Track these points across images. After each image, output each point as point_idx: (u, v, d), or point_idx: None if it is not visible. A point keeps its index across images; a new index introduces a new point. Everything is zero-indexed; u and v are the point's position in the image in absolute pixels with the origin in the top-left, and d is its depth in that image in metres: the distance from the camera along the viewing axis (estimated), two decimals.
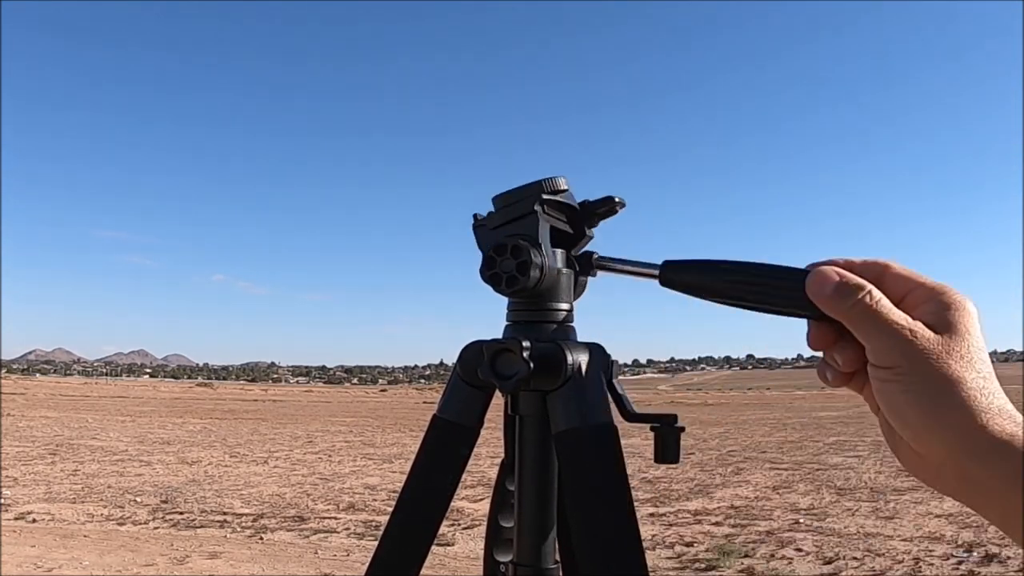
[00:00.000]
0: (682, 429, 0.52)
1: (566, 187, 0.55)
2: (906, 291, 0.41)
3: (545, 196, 0.54)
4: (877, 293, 0.40)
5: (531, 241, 0.53)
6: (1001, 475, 0.36)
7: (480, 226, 0.56)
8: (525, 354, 0.50)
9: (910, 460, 0.40)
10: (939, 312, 0.40)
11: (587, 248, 0.57)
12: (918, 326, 0.39)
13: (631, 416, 0.54)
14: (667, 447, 0.52)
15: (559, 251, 0.55)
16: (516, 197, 0.55)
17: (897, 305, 0.41)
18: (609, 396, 0.54)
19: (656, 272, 0.49)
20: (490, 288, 0.54)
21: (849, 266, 0.43)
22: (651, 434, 0.53)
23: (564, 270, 0.55)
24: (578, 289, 0.57)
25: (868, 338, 0.40)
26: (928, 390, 0.38)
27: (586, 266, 0.56)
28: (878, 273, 0.42)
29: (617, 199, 0.56)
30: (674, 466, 8.84)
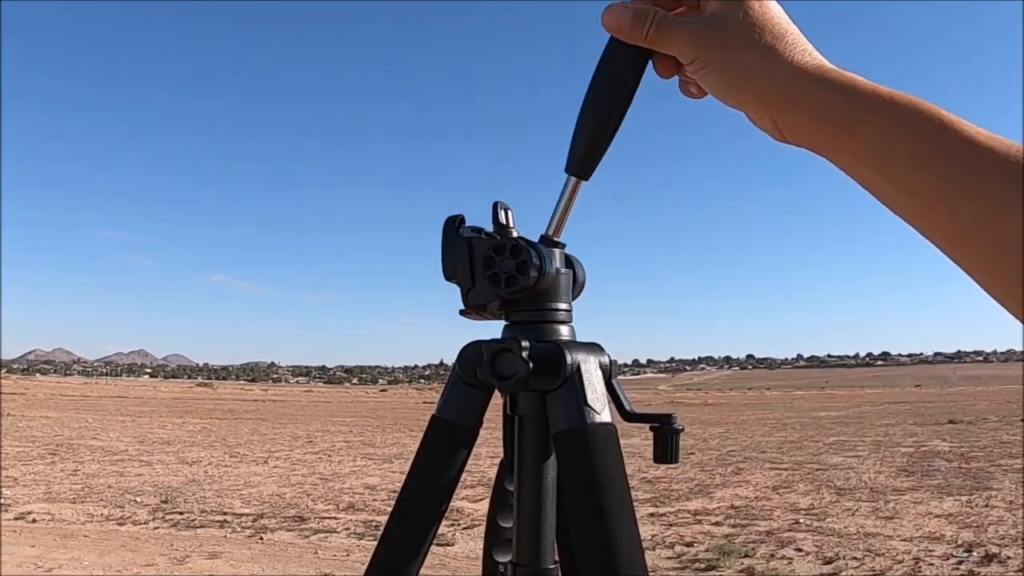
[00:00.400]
0: (681, 430, 0.52)
1: (462, 218, 0.57)
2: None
3: (460, 229, 0.56)
4: (661, 12, 0.45)
5: (528, 242, 0.53)
6: (822, 112, 0.40)
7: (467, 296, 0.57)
8: (524, 354, 0.51)
9: (763, 130, 0.44)
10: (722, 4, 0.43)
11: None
12: (703, 17, 0.43)
13: (629, 416, 0.54)
14: (666, 447, 0.52)
15: (556, 251, 0.55)
16: (450, 254, 0.56)
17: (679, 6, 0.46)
18: (608, 396, 0.54)
19: (574, 180, 0.52)
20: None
21: None
22: (651, 434, 0.53)
23: (563, 270, 0.55)
24: (576, 289, 0.57)
25: (670, 48, 0.45)
26: (726, 61, 0.42)
27: (550, 244, 0.56)
28: None
29: (500, 203, 0.58)
30: (674, 466, 8.82)
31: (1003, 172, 0.34)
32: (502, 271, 0.53)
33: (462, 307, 0.56)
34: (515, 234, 0.56)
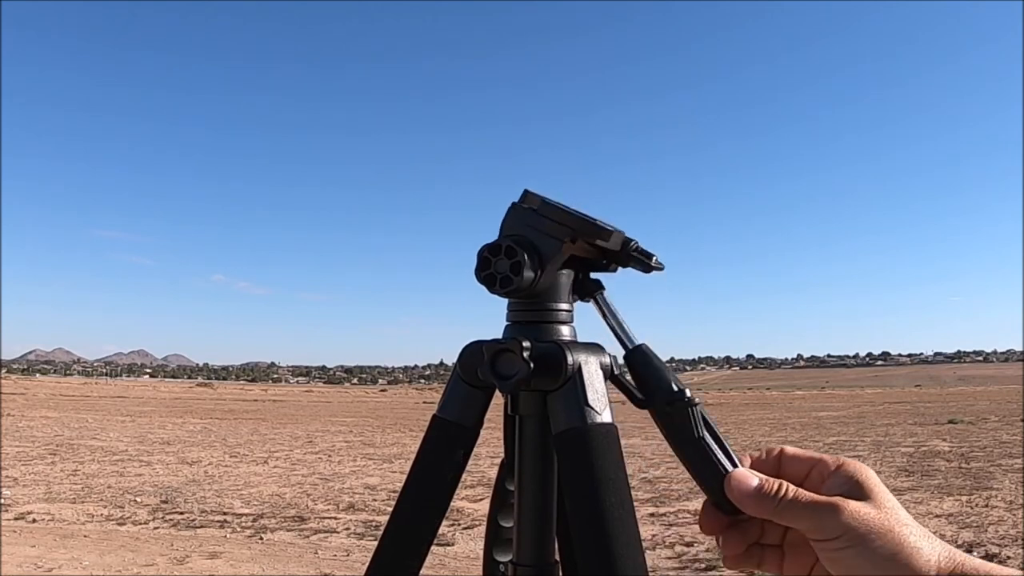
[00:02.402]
0: (697, 403, 0.51)
1: (610, 231, 0.53)
2: (807, 469, 0.47)
3: (582, 239, 0.53)
4: (788, 485, 0.45)
5: (528, 246, 0.52)
6: None
7: (516, 209, 0.55)
8: (525, 354, 0.50)
9: None
10: (848, 482, 0.45)
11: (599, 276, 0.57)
12: (836, 497, 0.44)
13: (641, 403, 0.54)
14: (683, 426, 0.51)
15: (554, 249, 0.55)
16: (558, 219, 0.53)
17: (802, 484, 0.46)
18: (611, 389, 0.53)
19: (625, 350, 0.52)
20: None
21: (755, 464, 0.48)
22: (650, 434, 0.53)
23: (564, 271, 0.55)
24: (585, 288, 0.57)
25: (803, 523, 0.44)
26: (881, 548, 0.42)
27: (590, 288, 0.56)
28: (777, 459, 0.48)
29: (656, 261, 0.55)
30: (674, 466, 8.75)
31: None
32: (497, 272, 0.52)
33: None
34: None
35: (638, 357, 0.51)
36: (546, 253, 0.53)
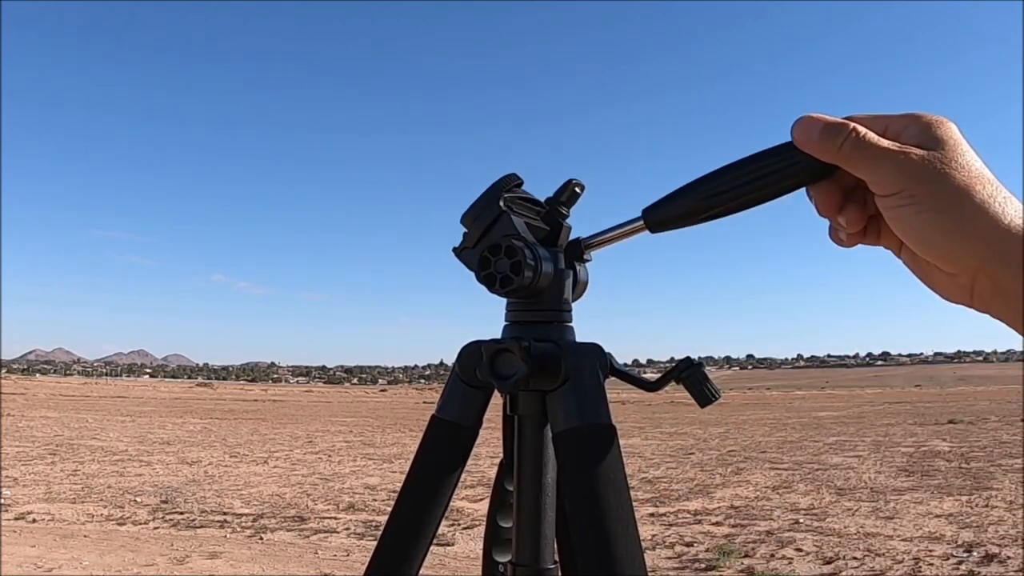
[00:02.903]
0: (702, 365, 0.52)
1: (520, 181, 0.55)
2: (883, 127, 0.41)
3: (506, 194, 0.54)
4: (862, 127, 0.41)
5: (525, 241, 0.53)
6: None
7: (463, 250, 0.56)
8: (524, 354, 0.50)
9: (943, 284, 0.40)
10: (923, 132, 0.40)
11: (572, 237, 0.57)
12: (910, 147, 0.39)
13: (652, 385, 0.54)
14: (702, 389, 0.51)
15: (553, 250, 0.55)
16: (480, 207, 0.55)
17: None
18: (611, 388, 0.53)
19: (641, 223, 0.49)
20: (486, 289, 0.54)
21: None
22: (650, 434, 0.52)
23: (563, 268, 0.55)
24: (578, 289, 0.57)
25: (867, 170, 0.40)
26: (942, 205, 0.38)
27: (577, 253, 0.56)
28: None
29: (574, 181, 0.56)
30: (674, 466, 8.79)
31: None
32: (497, 271, 0.52)
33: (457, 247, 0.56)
34: (566, 219, 0.56)
35: (657, 208, 0.50)
36: (524, 236, 0.54)
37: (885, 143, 0.40)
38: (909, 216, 0.39)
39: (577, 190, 0.56)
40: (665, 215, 0.48)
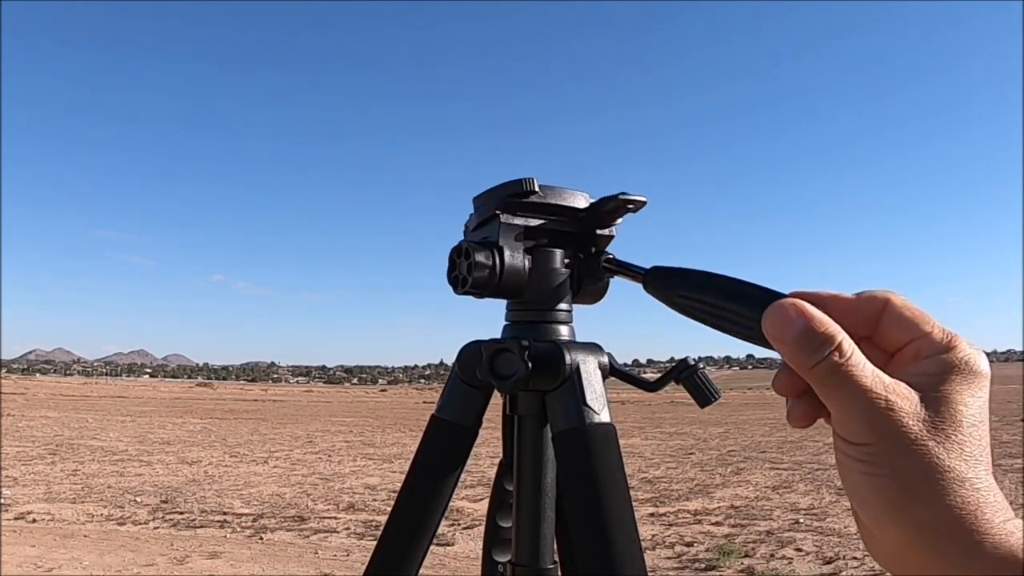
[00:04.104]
0: (701, 367, 0.52)
1: (535, 188, 0.53)
2: (908, 339, 0.33)
3: (511, 199, 0.53)
4: (849, 347, 0.31)
5: (488, 244, 0.52)
6: None
7: (466, 231, 0.57)
8: (524, 354, 0.50)
9: (864, 532, 0.33)
10: (937, 376, 0.32)
11: (609, 249, 0.56)
12: (899, 395, 0.31)
13: (653, 385, 0.54)
14: (702, 389, 0.51)
15: (556, 251, 0.55)
16: (482, 201, 0.55)
17: (895, 354, 0.33)
18: (611, 388, 0.53)
19: (643, 276, 0.48)
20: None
21: (833, 302, 0.34)
22: (650, 434, 0.52)
23: (560, 269, 0.55)
24: (591, 291, 0.56)
25: (833, 405, 0.32)
26: (897, 478, 0.30)
27: (594, 268, 0.55)
28: (875, 311, 0.34)
29: (624, 196, 0.53)
30: (674, 466, 8.78)
31: None
32: (460, 273, 0.53)
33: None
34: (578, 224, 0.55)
35: (657, 275, 0.47)
36: (495, 239, 0.53)
37: (867, 379, 0.31)
38: (855, 471, 0.32)
39: (627, 206, 0.53)
40: (656, 288, 0.46)
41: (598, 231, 0.55)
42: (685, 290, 0.42)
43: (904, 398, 0.31)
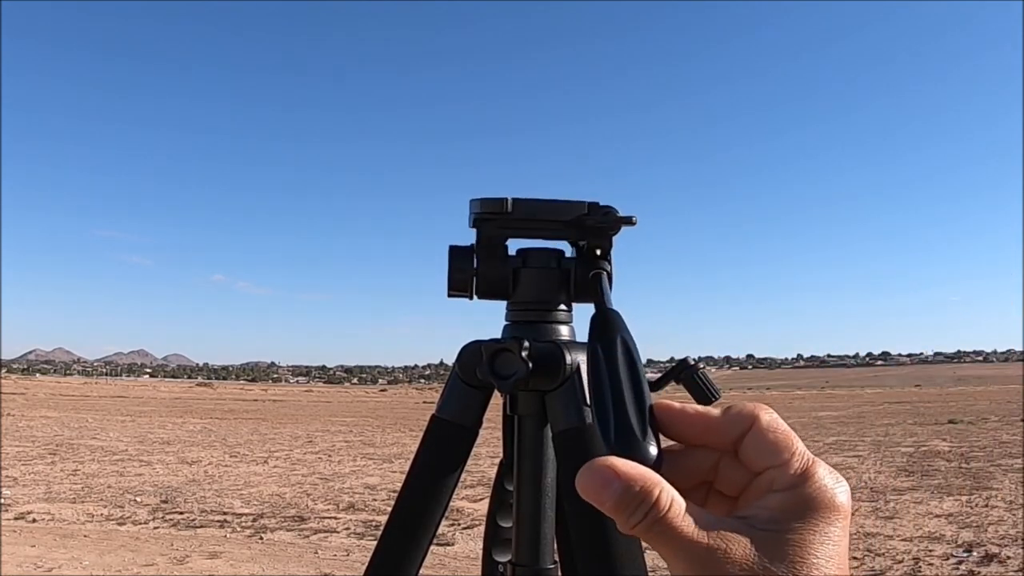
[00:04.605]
0: (701, 367, 0.52)
1: (509, 209, 0.54)
2: (766, 465, 0.32)
3: (485, 213, 0.55)
4: (667, 500, 0.30)
5: (468, 248, 0.55)
6: None
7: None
8: (524, 354, 0.50)
9: None
10: (781, 512, 0.31)
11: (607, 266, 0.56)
12: (725, 540, 0.30)
13: (652, 385, 0.54)
14: (702, 389, 0.51)
15: (550, 252, 0.55)
16: (470, 207, 0.56)
17: (754, 479, 0.33)
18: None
19: (594, 311, 0.48)
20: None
21: (698, 419, 0.34)
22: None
23: (555, 269, 0.55)
24: (584, 288, 0.57)
25: (665, 558, 0.31)
26: None
27: (582, 285, 0.55)
28: (740, 432, 0.33)
29: (612, 215, 0.54)
30: None
31: None
32: (449, 275, 0.56)
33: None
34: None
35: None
36: (477, 246, 0.55)
37: (687, 529, 0.30)
38: None
39: (615, 223, 0.54)
40: (590, 328, 0.43)
41: (592, 239, 0.56)
42: (591, 355, 0.40)
43: (732, 541, 0.30)
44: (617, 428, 0.33)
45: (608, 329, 0.41)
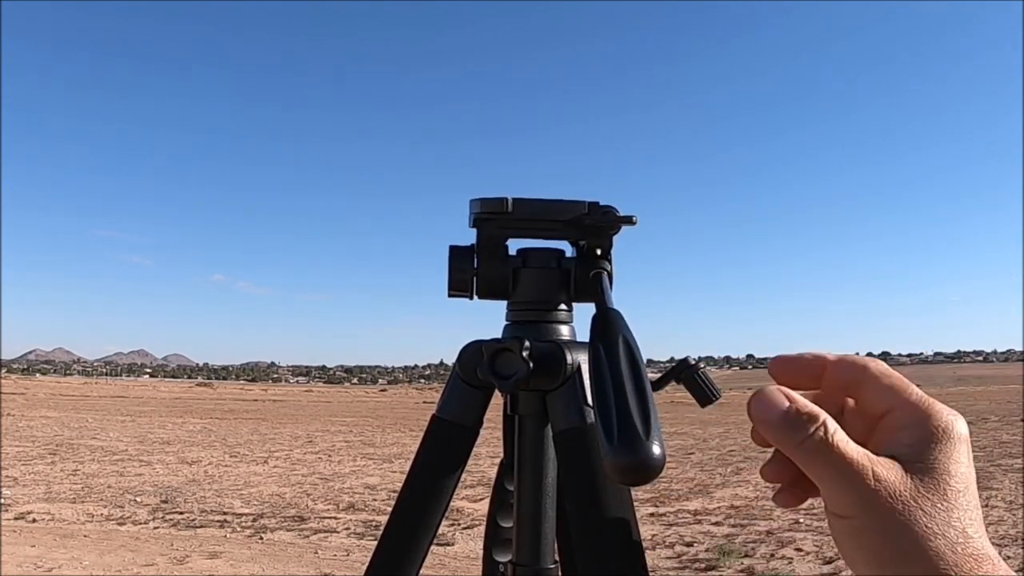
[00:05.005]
0: (701, 367, 0.52)
1: (509, 209, 0.54)
2: (887, 408, 0.35)
3: (485, 213, 0.55)
4: (833, 425, 0.33)
5: (468, 248, 0.55)
6: None
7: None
8: (524, 354, 0.50)
9: None
10: (919, 444, 0.33)
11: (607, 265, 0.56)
12: (884, 468, 0.32)
13: (652, 385, 0.54)
14: (702, 389, 0.51)
15: (550, 252, 0.55)
16: (470, 207, 0.56)
17: (876, 422, 0.35)
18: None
19: (595, 311, 0.46)
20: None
21: (816, 363, 0.37)
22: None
23: (554, 269, 0.55)
24: (584, 288, 0.57)
25: (822, 481, 0.34)
26: (887, 547, 0.32)
27: (582, 284, 0.55)
28: (854, 380, 0.36)
29: (612, 214, 0.54)
30: (674, 466, 8.77)
31: None
32: (449, 276, 0.56)
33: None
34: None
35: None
36: (477, 246, 0.55)
37: (851, 453, 0.33)
38: (848, 542, 0.33)
39: (614, 223, 0.54)
40: (591, 328, 0.44)
41: (592, 239, 0.56)
42: (593, 355, 0.40)
43: (889, 470, 0.33)
44: (620, 427, 0.34)
45: (610, 329, 0.41)
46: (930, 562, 0.32)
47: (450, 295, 0.55)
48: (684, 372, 0.50)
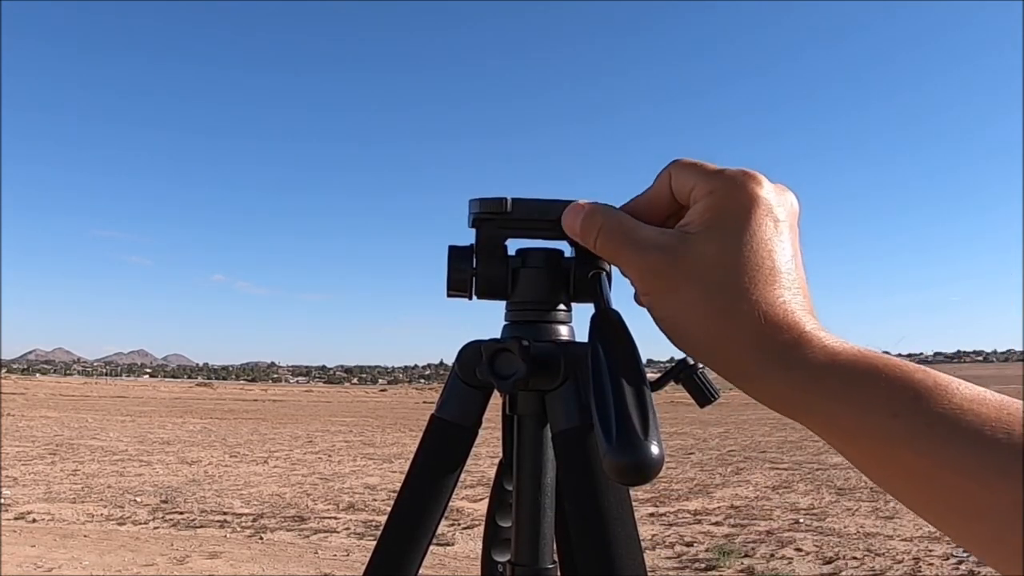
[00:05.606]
0: (700, 367, 0.52)
1: (508, 209, 0.53)
2: (691, 188, 0.37)
3: (484, 213, 0.54)
4: (615, 216, 0.37)
5: (467, 248, 0.54)
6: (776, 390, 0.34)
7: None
8: (524, 354, 0.50)
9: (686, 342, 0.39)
10: (708, 208, 0.35)
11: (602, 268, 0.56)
12: (663, 240, 0.35)
13: (651, 385, 0.54)
14: (701, 389, 0.51)
15: (548, 252, 0.55)
16: (469, 207, 0.56)
17: (685, 206, 0.37)
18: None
19: (595, 311, 0.46)
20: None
21: (642, 202, 0.39)
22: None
23: (555, 270, 0.55)
24: (583, 288, 0.57)
25: (621, 266, 0.38)
26: (672, 315, 0.36)
27: (581, 284, 0.55)
28: (675, 178, 0.38)
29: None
30: (674, 466, 8.79)
31: (981, 443, 0.29)
32: (449, 276, 0.55)
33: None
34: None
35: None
36: (476, 246, 0.54)
37: (637, 236, 0.36)
38: (654, 313, 0.37)
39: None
40: (591, 327, 0.43)
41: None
42: (592, 355, 0.40)
43: (669, 241, 0.35)
44: (618, 428, 0.34)
45: (609, 329, 0.41)
46: (722, 330, 0.34)
47: (449, 295, 0.54)
48: (683, 372, 0.50)
